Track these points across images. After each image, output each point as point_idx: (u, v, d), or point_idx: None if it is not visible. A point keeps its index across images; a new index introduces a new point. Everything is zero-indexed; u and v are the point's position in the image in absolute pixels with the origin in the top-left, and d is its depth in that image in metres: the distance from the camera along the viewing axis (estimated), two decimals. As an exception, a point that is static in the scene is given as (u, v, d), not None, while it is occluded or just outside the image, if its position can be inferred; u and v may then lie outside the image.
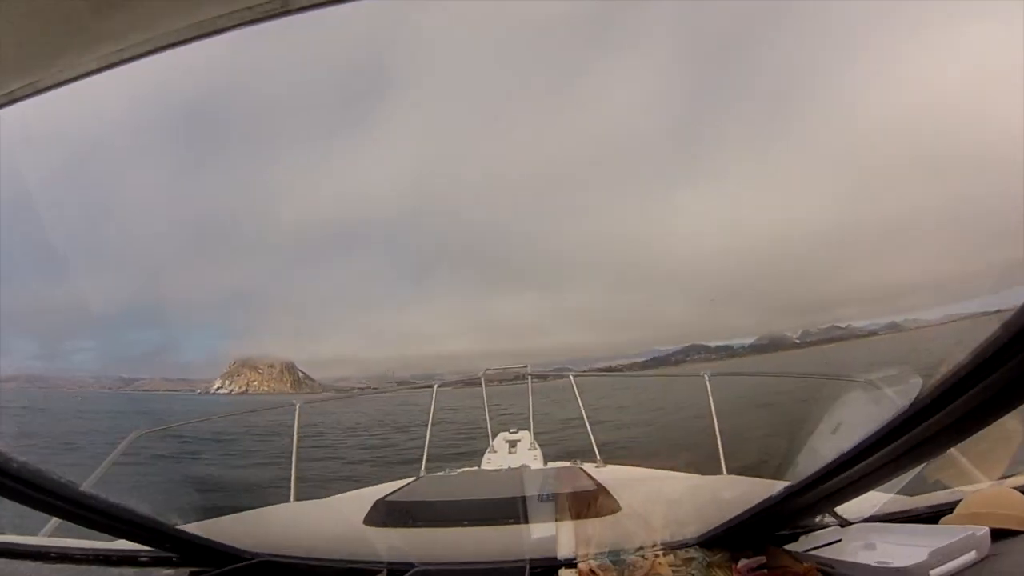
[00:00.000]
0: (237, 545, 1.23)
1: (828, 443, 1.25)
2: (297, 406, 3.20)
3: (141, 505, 1.16)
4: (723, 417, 2.95)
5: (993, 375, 0.59)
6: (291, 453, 2.90)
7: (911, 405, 0.70)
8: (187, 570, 1.20)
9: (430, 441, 3.81)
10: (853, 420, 1.24)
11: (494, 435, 4.12)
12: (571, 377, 4.19)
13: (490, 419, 4.18)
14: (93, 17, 0.66)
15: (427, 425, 3.95)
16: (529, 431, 4.15)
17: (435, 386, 4.23)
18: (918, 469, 0.99)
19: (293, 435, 3.03)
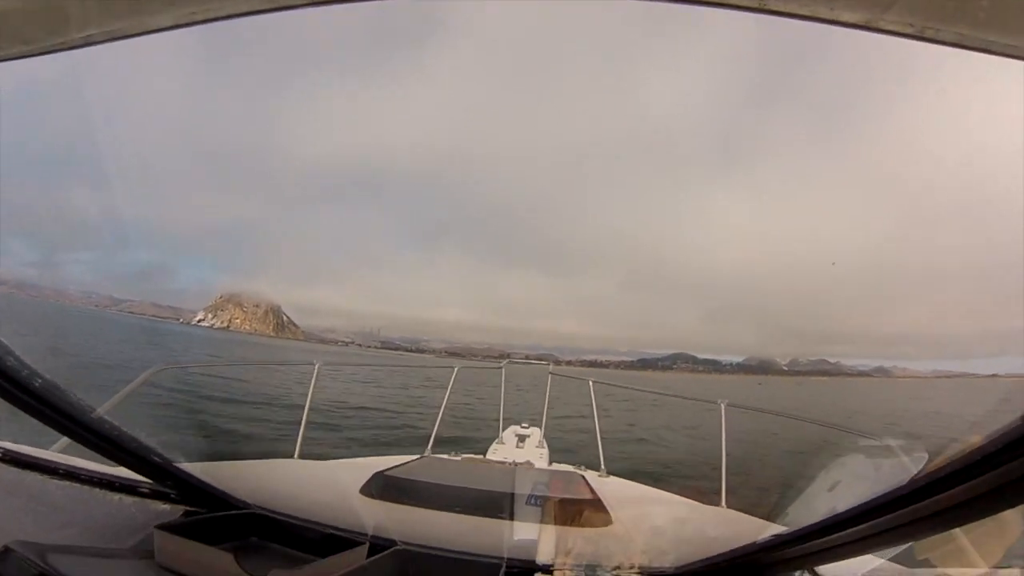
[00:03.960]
0: (234, 493, 1.28)
1: (825, 497, 1.24)
2: (316, 366, 3.27)
3: (149, 438, 1.21)
4: (732, 448, 2.94)
5: (1011, 463, 0.57)
6: (302, 410, 2.98)
7: (917, 478, 0.69)
8: (182, 508, 1.24)
9: (441, 421, 3.85)
10: (855, 479, 1.22)
11: (505, 426, 4.15)
12: (590, 382, 4.21)
13: (504, 409, 4.22)
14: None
15: (441, 404, 4.00)
16: (540, 428, 4.17)
17: (456, 368, 4.30)
18: (911, 543, 0.97)
19: (308, 393, 3.10)
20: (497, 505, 1.63)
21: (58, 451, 1.53)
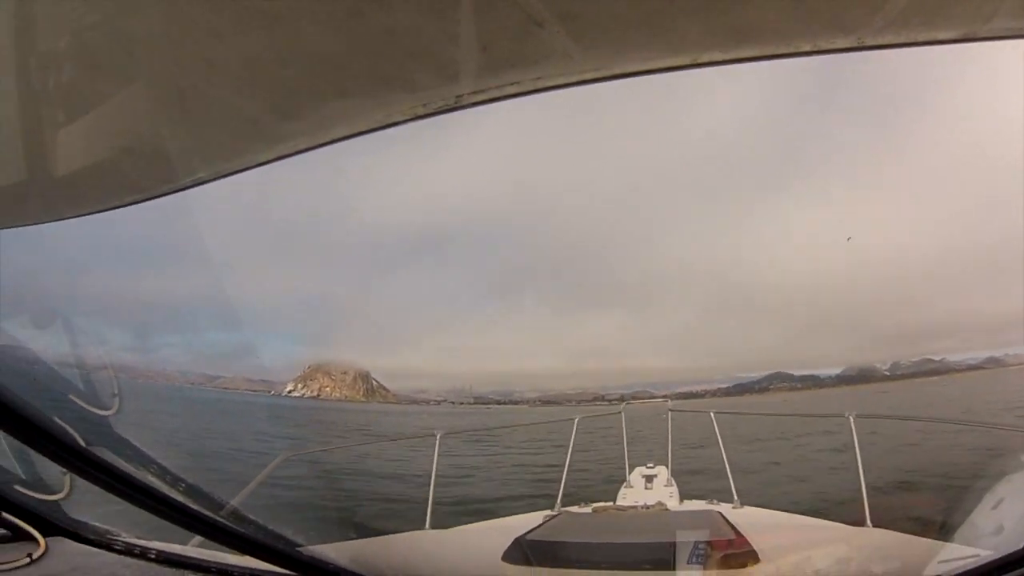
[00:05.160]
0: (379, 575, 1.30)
1: (991, 515, 1.11)
2: (438, 436, 3.39)
3: (284, 527, 1.25)
4: (867, 463, 2.73)
5: None
6: (426, 480, 3.06)
7: None
8: None
9: (567, 473, 3.87)
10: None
11: (631, 469, 4.11)
12: (712, 414, 4.14)
13: (627, 451, 4.20)
14: (275, 121, 0.72)
15: (566, 456, 4.02)
16: (666, 466, 4.10)
17: (576, 418, 4.34)
18: None
19: (432, 464, 3.20)
20: (647, 556, 1.59)
21: (196, 545, 1.62)
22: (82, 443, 1.06)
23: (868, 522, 2.35)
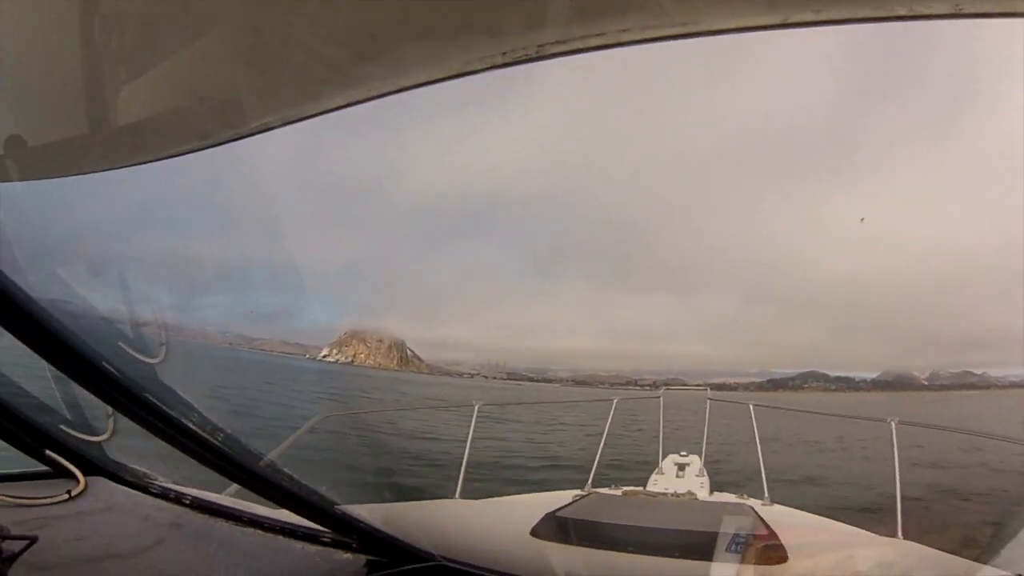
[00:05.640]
0: (409, 540, 1.32)
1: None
2: (476, 407, 3.43)
3: (319, 484, 1.27)
4: (905, 473, 2.66)
5: None
6: (462, 449, 3.11)
7: None
8: (364, 558, 1.30)
9: (601, 453, 3.90)
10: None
11: (664, 455, 4.12)
12: (751, 406, 4.12)
13: (663, 437, 4.21)
14: (351, 64, 0.73)
15: (602, 436, 4.05)
16: (700, 456, 4.08)
17: (615, 400, 4.38)
18: None
19: (468, 434, 3.24)
20: (676, 543, 1.59)
21: (231, 495, 1.66)
22: (130, 385, 1.10)
23: (900, 533, 2.29)
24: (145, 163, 1.18)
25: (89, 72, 1.12)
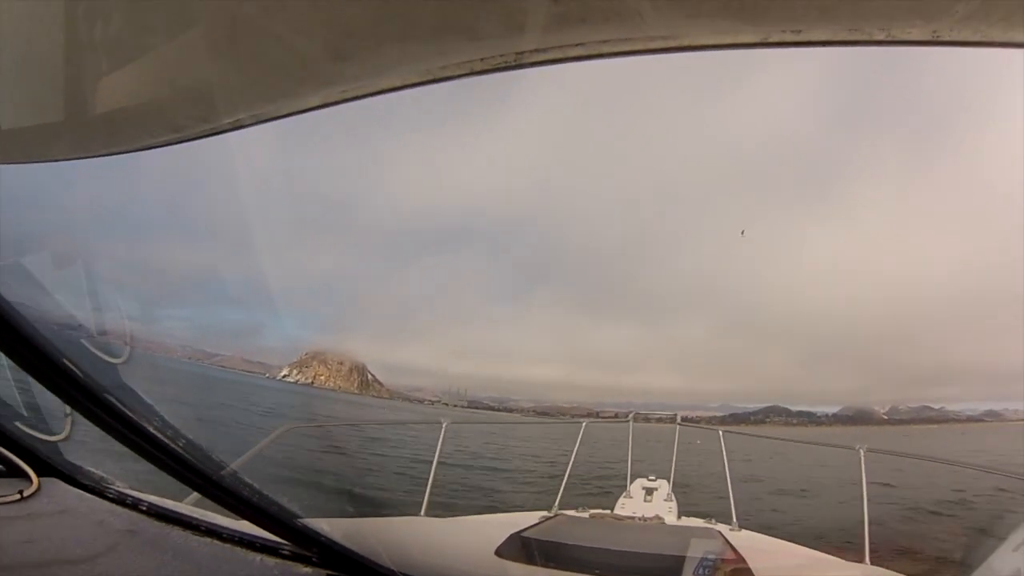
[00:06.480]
0: (370, 556, 1.28)
1: (1009, 558, 1.07)
2: (444, 425, 3.39)
3: (281, 496, 1.23)
4: (873, 500, 2.69)
5: None
6: (427, 467, 3.07)
7: None
8: (324, 572, 1.25)
9: (569, 476, 3.90)
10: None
11: (632, 479, 4.12)
12: (719, 432, 4.17)
13: (631, 462, 4.25)
14: (327, 62, 0.71)
15: (568, 458, 4.07)
16: (668, 481, 4.09)
17: (584, 423, 4.41)
18: None
19: (435, 451, 3.21)
20: (642, 567, 1.57)
21: (191, 504, 1.60)
22: (90, 385, 1.05)
23: (867, 559, 2.31)
24: (117, 153, 1.15)
25: (64, 58, 1.09)
